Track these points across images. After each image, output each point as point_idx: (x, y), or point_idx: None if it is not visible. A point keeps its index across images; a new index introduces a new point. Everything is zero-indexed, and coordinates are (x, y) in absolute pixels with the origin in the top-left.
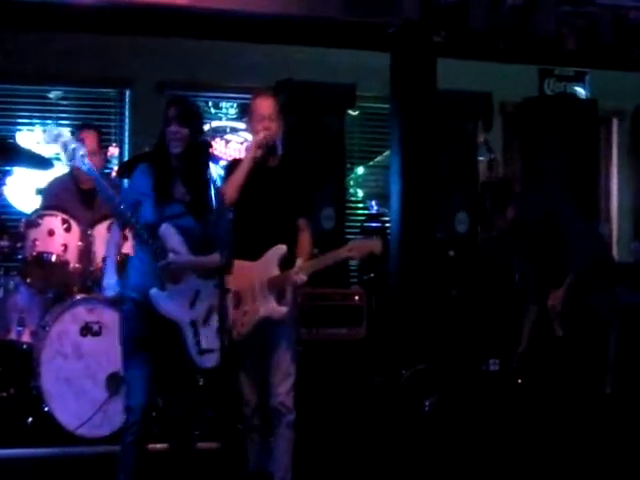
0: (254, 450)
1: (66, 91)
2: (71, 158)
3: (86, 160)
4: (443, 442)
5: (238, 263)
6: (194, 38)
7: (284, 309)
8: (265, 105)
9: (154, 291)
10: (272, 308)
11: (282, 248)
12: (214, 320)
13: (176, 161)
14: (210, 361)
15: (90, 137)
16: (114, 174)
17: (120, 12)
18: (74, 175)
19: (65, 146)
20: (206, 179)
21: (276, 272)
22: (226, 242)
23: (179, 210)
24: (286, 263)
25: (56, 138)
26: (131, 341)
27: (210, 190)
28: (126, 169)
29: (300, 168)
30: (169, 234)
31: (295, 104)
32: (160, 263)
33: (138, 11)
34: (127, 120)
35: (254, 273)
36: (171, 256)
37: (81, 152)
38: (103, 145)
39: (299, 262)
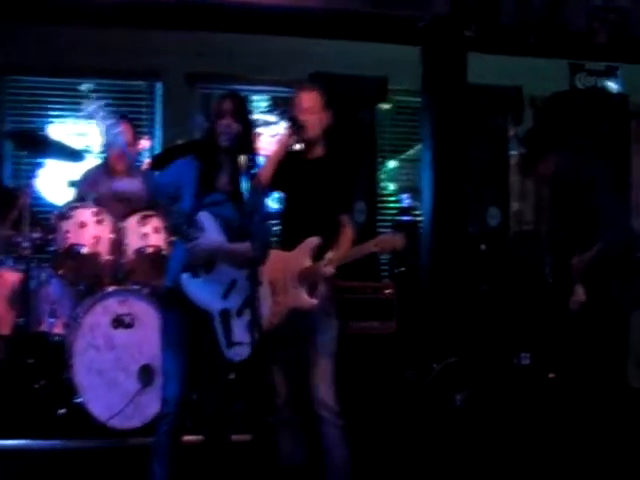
0: (285, 443)
1: (97, 84)
2: (107, 134)
3: (121, 137)
4: (474, 436)
5: (274, 253)
6: (226, 32)
7: (313, 301)
8: (305, 98)
9: (185, 276)
10: (302, 299)
11: (315, 240)
12: (248, 313)
13: (223, 154)
14: (239, 355)
15: (126, 129)
16: (145, 166)
17: (151, 6)
18: (107, 167)
19: (102, 122)
20: (252, 172)
21: (307, 263)
22: (259, 234)
23: (219, 198)
24: (320, 255)
25: (94, 113)
26: (167, 332)
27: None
28: (161, 161)
29: (344, 162)
30: (206, 220)
31: (327, 97)
32: (188, 245)
33: (169, 5)
34: (157, 112)
35: (287, 264)
36: (200, 239)
37: (117, 129)
38: (137, 138)
39: (329, 255)
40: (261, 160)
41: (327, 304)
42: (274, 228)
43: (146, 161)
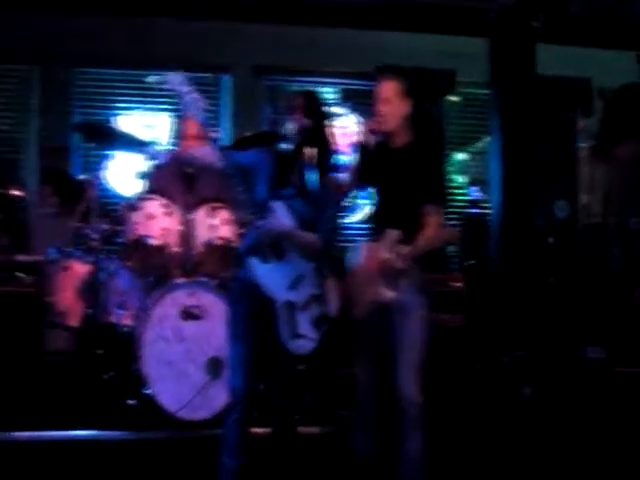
0: (361, 435)
1: (164, 76)
2: (188, 107)
3: (203, 112)
4: (542, 429)
5: (364, 245)
6: (296, 24)
7: (392, 294)
8: (382, 88)
9: (254, 260)
10: (381, 292)
11: (395, 233)
12: (315, 308)
13: (296, 149)
14: (302, 348)
15: (193, 122)
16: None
17: None
18: (178, 157)
19: (185, 95)
20: (325, 167)
21: (386, 256)
22: (327, 228)
23: (291, 192)
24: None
25: (178, 84)
26: (235, 322)
27: (327, 178)
28: (238, 145)
29: (431, 151)
30: (279, 210)
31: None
32: (257, 225)
33: None
34: (225, 105)
35: (370, 255)
36: (270, 221)
37: (199, 105)
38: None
39: (403, 248)
40: (336, 156)
41: (411, 296)
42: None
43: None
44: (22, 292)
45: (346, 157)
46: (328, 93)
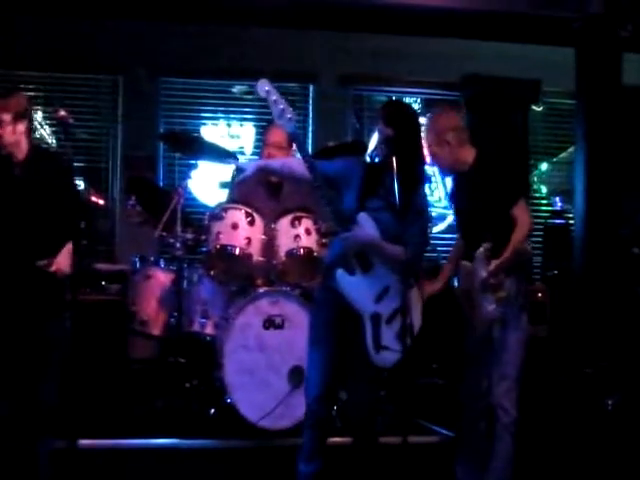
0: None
1: (250, 86)
2: (278, 116)
3: (293, 123)
4: (626, 440)
5: (463, 264)
6: (381, 33)
7: (497, 309)
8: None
9: (340, 272)
10: (486, 310)
11: (485, 247)
12: (399, 320)
13: (384, 159)
14: (386, 360)
15: (279, 131)
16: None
17: (306, 7)
18: (260, 167)
19: (274, 103)
20: (413, 179)
21: (484, 274)
22: (415, 241)
23: (379, 205)
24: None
25: (266, 92)
26: (316, 328)
27: (415, 190)
28: (324, 153)
29: (492, 165)
30: (366, 222)
31: (480, 99)
32: (343, 235)
33: (324, 6)
34: (310, 114)
35: (472, 276)
36: (355, 231)
37: (289, 115)
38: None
39: (492, 263)
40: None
41: (511, 308)
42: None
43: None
44: (106, 300)
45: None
46: (413, 103)
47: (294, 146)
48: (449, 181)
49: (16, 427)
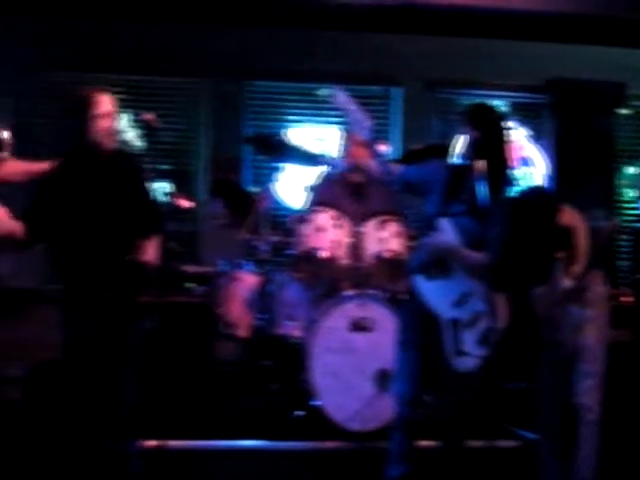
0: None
1: (335, 89)
2: (353, 126)
3: (368, 130)
4: None
5: (534, 291)
6: (466, 36)
7: (583, 314)
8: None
9: (419, 277)
10: (575, 318)
11: (559, 260)
12: (481, 326)
13: (467, 162)
14: (465, 365)
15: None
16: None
17: (392, 11)
18: (347, 168)
19: (350, 113)
20: (497, 182)
21: (564, 284)
22: (495, 245)
23: (461, 209)
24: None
25: (343, 102)
26: (403, 331)
27: (499, 194)
28: (407, 159)
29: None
30: (447, 228)
31: (565, 102)
32: (422, 240)
33: (410, 10)
34: (395, 118)
35: (550, 293)
36: (435, 236)
37: (365, 124)
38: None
39: (572, 269)
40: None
41: (593, 310)
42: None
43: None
44: (193, 303)
45: (516, 172)
46: (498, 106)
47: (378, 146)
48: None
49: (102, 426)
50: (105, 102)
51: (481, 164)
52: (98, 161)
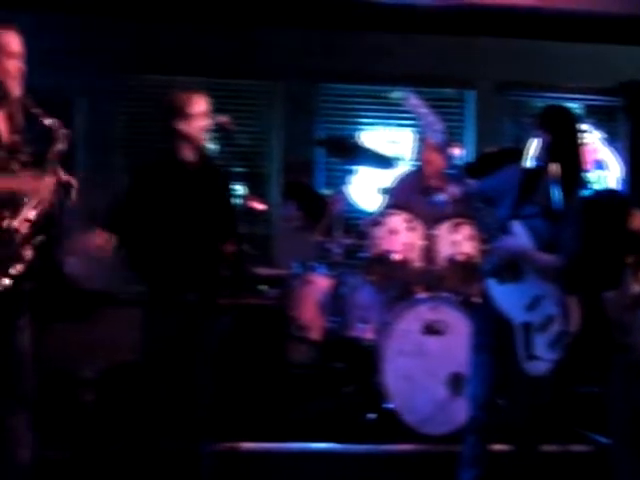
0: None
1: (408, 91)
2: (426, 129)
3: (441, 134)
4: None
5: (604, 296)
6: (540, 39)
7: None
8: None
9: (490, 280)
10: None
11: (629, 265)
12: (553, 329)
13: (541, 165)
14: (537, 369)
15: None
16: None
17: (463, 13)
18: (421, 171)
19: (422, 117)
20: (571, 185)
21: (636, 289)
22: (570, 247)
23: (533, 211)
24: None
25: (415, 106)
26: (477, 335)
27: (572, 196)
28: (478, 167)
29: None
30: (519, 231)
31: (638, 105)
32: (494, 244)
33: (481, 12)
34: (469, 120)
35: (620, 298)
36: (507, 239)
37: (437, 127)
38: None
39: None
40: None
41: None
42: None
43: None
44: (266, 305)
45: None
46: (572, 109)
47: (451, 150)
48: None
49: (177, 427)
50: (200, 103)
51: (555, 167)
52: (187, 167)
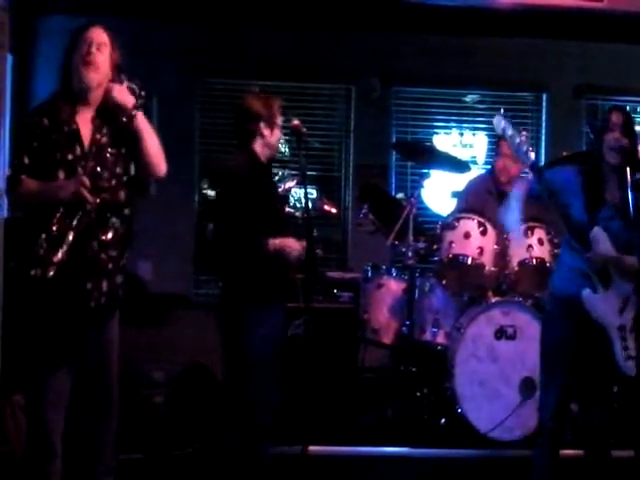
0: None
1: (482, 95)
2: (516, 150)
3: (530, 155)
4: None
5: None
6: (611, 42)
7: None
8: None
9: (587, 292)
10: None
11: None
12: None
13: (611, 169)
14: (632, 369)
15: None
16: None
17: (538, 15)
18: (493, 176)
19: (511, 138)
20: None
21: None
22: None
23: (609, 213)
24: None
25: (502, 128)
26: (549, 344)
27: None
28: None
29: None
30: (601, 238)
31: None
32: (586, 255)
33: (557, 14)
34: (543, 124)
35: None
36: (597, 249)
37: (525, 147)
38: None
39: None
40: None
41: None
42: None
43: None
44: (339, 308)
45: None
46: None
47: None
48: None
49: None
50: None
51: (630, 170)
52: (267, 171)
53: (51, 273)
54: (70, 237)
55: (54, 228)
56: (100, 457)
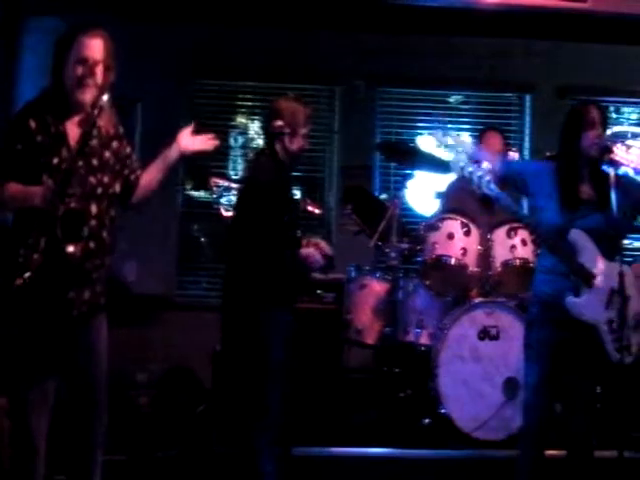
0: None
1: (466, 95)
2: (478, 187)
3: (493, 186)
4: None
5: None
6: (594, 42)
7: None
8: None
9: (570, 299)
10: None
11: None
12: (631, 312)
13: (587, 164)
14: (626, 358)
15: (494, 139)
16: None
17: (522, 16)
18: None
19: (470, 174)
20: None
21: None
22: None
23: (586, 211)
24: None
25: (461, 169)
26: (532, 347)
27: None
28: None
29: None
30: (580, 240)
31: None
32: (572, 267)
33: (540, 14)
34: (527, 125)
35: None
36: (585, 262)
37: (479, 173)
38: (506, 148)
39: None
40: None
41: None
42: None
43: None
44: (322, 309)
45: None
46: (631, 113)
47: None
48: None
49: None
50: None
51: (613, 170)
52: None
53: (27, 274)
54: (42, 243)
55: (32, 235)
56: (94, 456)
